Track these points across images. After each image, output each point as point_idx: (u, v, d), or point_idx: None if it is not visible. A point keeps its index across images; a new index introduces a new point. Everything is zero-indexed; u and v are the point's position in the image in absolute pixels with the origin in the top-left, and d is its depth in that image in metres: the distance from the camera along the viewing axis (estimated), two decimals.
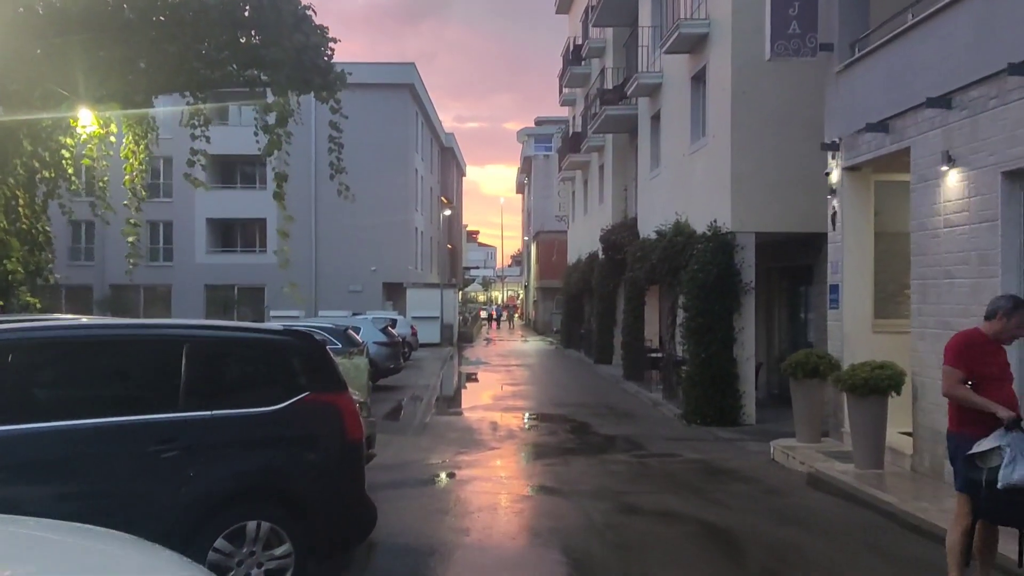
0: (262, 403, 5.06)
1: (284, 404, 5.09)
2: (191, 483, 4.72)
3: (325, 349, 5.43)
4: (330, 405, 5.23)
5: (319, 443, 5.17)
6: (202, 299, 41.18)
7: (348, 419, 5.27)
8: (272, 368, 5.27)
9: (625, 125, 23.91)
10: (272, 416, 5.04)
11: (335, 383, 5.35)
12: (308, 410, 5.13)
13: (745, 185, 14.22)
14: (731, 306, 14.19)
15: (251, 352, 5.26)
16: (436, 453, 11.29)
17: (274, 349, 5.28)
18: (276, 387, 5.18)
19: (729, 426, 13.90)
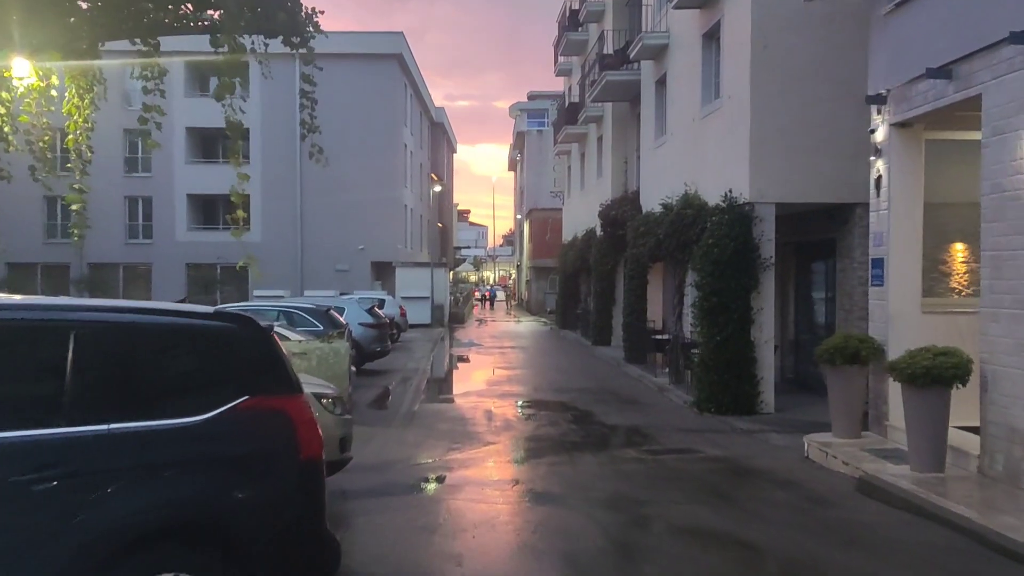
0: (183, 412, 3.72)
1: (214, 413, 3.76)
2: (79, 526, 3.38)
3: (272, 338, 4.08)
4: (278, 413, 3.90)
5: (262, 464, 3.85)
6: (183, 278, 39.65)
7: (303, 430, 3.95)
8: (198, 364, 3.91)
9: (626, 92, 22.50)
10: (197, 429, 3.72)
11: (285, 383, 4.02)
12: (248, 420, 3.81)
13: (765, 151, 12.88)
14: (749, 284, 12.90)
15: (168, 343, 3.89)
16: (424, 450, 9.99)
17: (201, 338, 3.93)
18: (203, 390, 3.85)
19: (746, 415, 12.65)
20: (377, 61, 40.12)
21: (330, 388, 7.46)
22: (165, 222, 40.19)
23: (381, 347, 19.10)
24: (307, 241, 39.83)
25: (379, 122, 39.94)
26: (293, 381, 4.06)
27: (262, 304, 17.01)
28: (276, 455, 3.86)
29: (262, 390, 3.89)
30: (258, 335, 4.01)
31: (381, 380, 17.91)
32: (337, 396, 7.30)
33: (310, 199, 39.63)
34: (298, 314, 16.05)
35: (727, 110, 13.96)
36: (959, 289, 9.61)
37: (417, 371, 19.58)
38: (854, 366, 9.08)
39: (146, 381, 3.74)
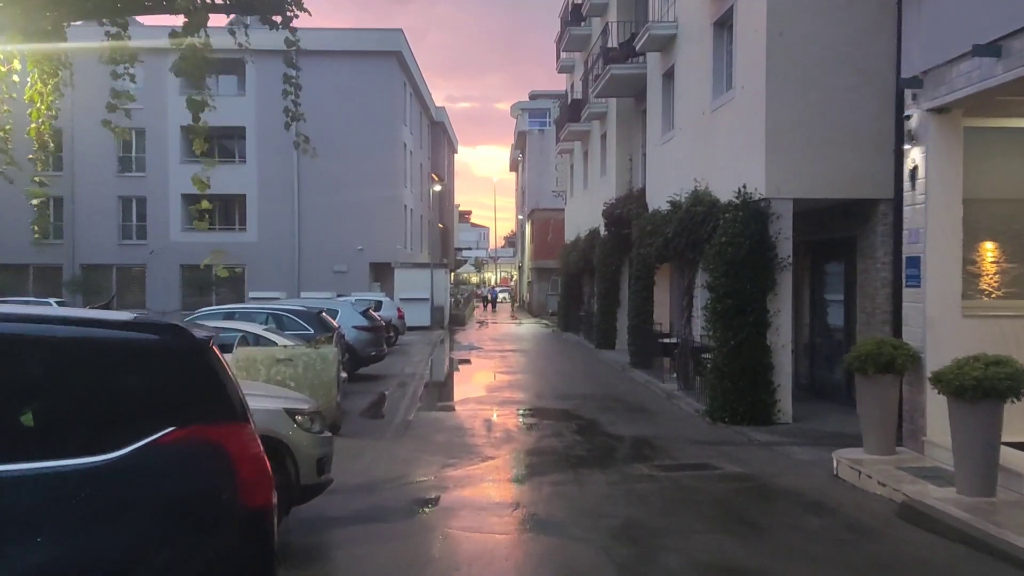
0: (85, 449, 2.91)
1: (128, 449, 2.95)
2: None
3: (209, 352, 3.26)
4: (213, 448, 3.08)
5: (190, 515, 3.02)
6: (178, 279, 38.90)
7: (246, 470, 3.13)
8: (107, 386, 3.08)
9: (631, 87, 21.70)
10: (103, 471, 2.90)
11: (225, 409, 3.20)
12: (172, 457, 3.00)
13: (782, 143, 12.08)
14: (765, 285, 12.09)
15: (65, 360, 3.05)
16: (417, 466, 9.18)
17: (112, 354, 3.10)
18: (114, 419, 3.02)
19: (762, 425, 11.86)
20: (376, 59, 39.38)
21: (307, 402, 6.67)
22: (159, 222, 39.46)
23: (376, 351, 18.31)
24: (304, 242, 39.07)
25: (378, 120, 39.19)
26: (236, 407, 3.24)
27: (251, 306, 16.24)
28: (209, 503, 3.05)
29: (193, 418, 3.08)
30: (190, 348, 3.20)
31: (376, 386, 17.11)
32: (315, 411, 6.50)
33: (308, 199, 38.88)
34: (287, 317, 15.28)
35: (740, 101, 13.17)
36: (1002, 290, 8.79)
37: (414, 376, 18.79)
38: (888, 375, 8.27)
39: (39, 408, 2.93)
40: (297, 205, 38.97)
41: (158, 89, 39.15)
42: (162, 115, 39.29)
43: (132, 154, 40.12)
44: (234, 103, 39.61)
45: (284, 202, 39.03)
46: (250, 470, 3.13)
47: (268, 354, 10.69)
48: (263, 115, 38.89)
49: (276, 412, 6.04)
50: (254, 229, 39.49)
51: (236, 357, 10.62)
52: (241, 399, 3.29)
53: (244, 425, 3.23)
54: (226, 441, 3.11)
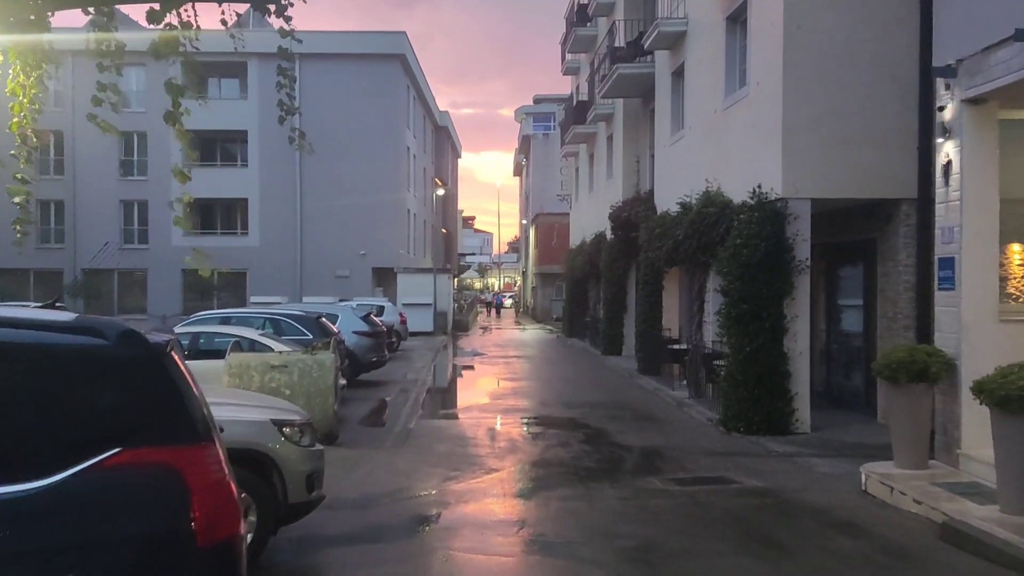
0: (9, 475, 2.43)
1: (65, 475, 2.47)
2: None
3: (165, 359, 2.76)
4: (166, 473, 2.59)
5: (137, 556, 2.52)
6: (179, 284, 38.44)
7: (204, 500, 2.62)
8: (41, 399, 2.57)
9: (639, 87, 21.23)
10: (33, 502, 2.42)
11: (182, 427, 2.70)
12: (116, 484, 2.51)
13: (799, 141, 11.58)
14: (782, 289, 11.58)
15: None
16: (417, 479, 8.67)
17: (49, 361, 2.61)
18: (48, 438, 2.53)
19: (779, 435, 11.34)
20: (379, 62, 38.97)
21: (296, 413, 6.16)
22: (161, 227, 38.94)
23: (377, 357, 17.83)
24: (306, 246, 38.61)
25: (381, 124, 38.75)
26: (196, 424, 2.75)
27: (248, 311, 15.76)
28: (161, 542, 2.55)
29: (144, 439, 2.59)
30: (142, 355, 2.70)
31: (377, 392, 16.62)
32: (305, 423, 6.00)
33: (310, 203, 38.43)
34: (286, 322, 14.80)
35: (754, 98, 12.68)
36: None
37: (416, 382, 18.30)
38: (920, 384, 7.75)
39: None
40: (299, 209, 38.52)
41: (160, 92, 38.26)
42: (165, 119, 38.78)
43: (134, 157, 39.72)
44: (236, 107, 39.25)
45: (286, 206, 38.59)
46: (212, 500, 2.64)
47: (262, 360, 10.21)
48: (265, 119, 38.48)
49: (262, 424, 5.55)
50: (256, 233, 39.04)
51: (229, 363, 10.14)
52: (205, 415, 2.80)
53: (206, 447, 2.74)
54: (183, 465, 2.61)
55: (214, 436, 2.81)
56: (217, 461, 2.75)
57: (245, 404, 5.91)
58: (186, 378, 2.82)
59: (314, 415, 10.09)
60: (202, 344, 12.54)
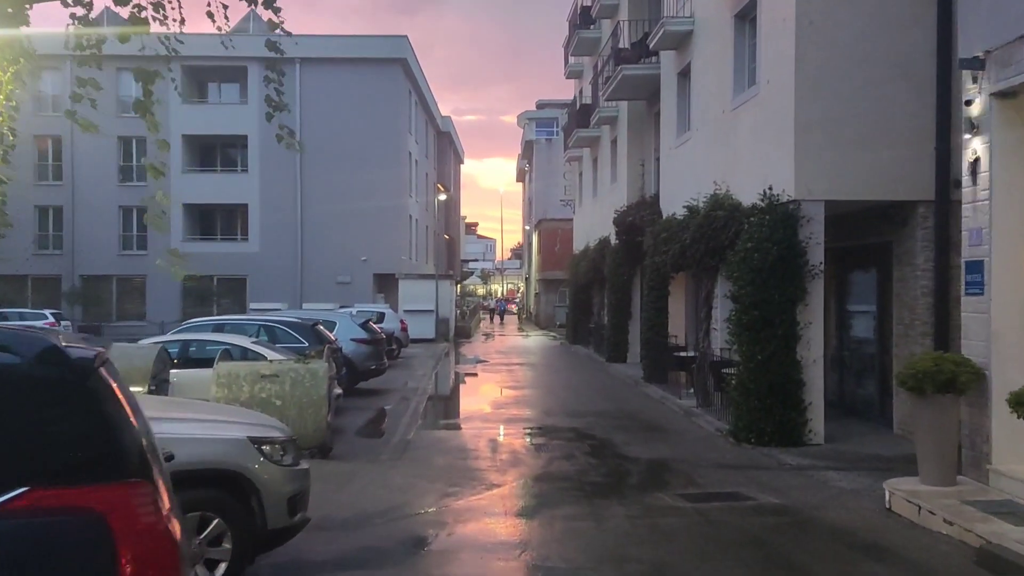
0: None
1: None
2: None
3: (91, 379, 2.30)
4: (86, 518, 2.14)
5: None
6: (178, 290, 37.99)
7: (137, 549, 2.16)
8: None
9: (644, 89, 20.82)
10: None
11: (112, 460, 2.25)
12: (23, 533, 2.07)
13: (812, 141, 11.14)
14: (794, 295, 11.13)
15: None
16: (414, 495, 8.21)
17: None
18: None
19: (791, 446, 10.87)
20: (380, 66, 38.62)
21: (277, 429, 5.70)
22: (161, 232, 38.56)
23: (376, 365, 17.38)
24: (307, 252, 38.22)
25: (383, 129, 38.39)
26: (128, 456, 2.28)
27: (243, 318, 15.33)
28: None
29: (61, 476, 2.15)
30: (61, 375, 2.26)
31: (375, 401, 16.17)
32: (287, 439, 5.54)
33: (310, 208, 38.06)
34: (281, 329, 14.36)
35: (765, 97, 12.25)
36: None
37: (416, 391, 17.84)
38: (948, 395, 7.28)
39: None
40: (300, 215, 38.15)
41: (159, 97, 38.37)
42: (163, 123, 37.94)
43: (133, 163, 39.36)
44: (236, 111, 38.92)
45: (287, 212, 38.21)
46: (145, 550, 2.19)
47: (252, 369, 9.77)
48: (266, 124, 37.56)
49: (237, 442, 5.09)
50: (256, 239, 38.68)
51: (217, 373, 9.71)
52: (141, 446, 2.35)
53: (138, 485, 2.28)
54: (108, 508, 2.16)
55: (153, 470, 2.36)
56: (152, 502, 2.30)
57: (220, 420, 5.46)
58: (119, 401, 2.37)
59: (306, 427, 9.67)
60: (193, 352, 12.11)
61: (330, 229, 37.84)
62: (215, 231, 40.73)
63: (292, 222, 38.16)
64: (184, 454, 4.69)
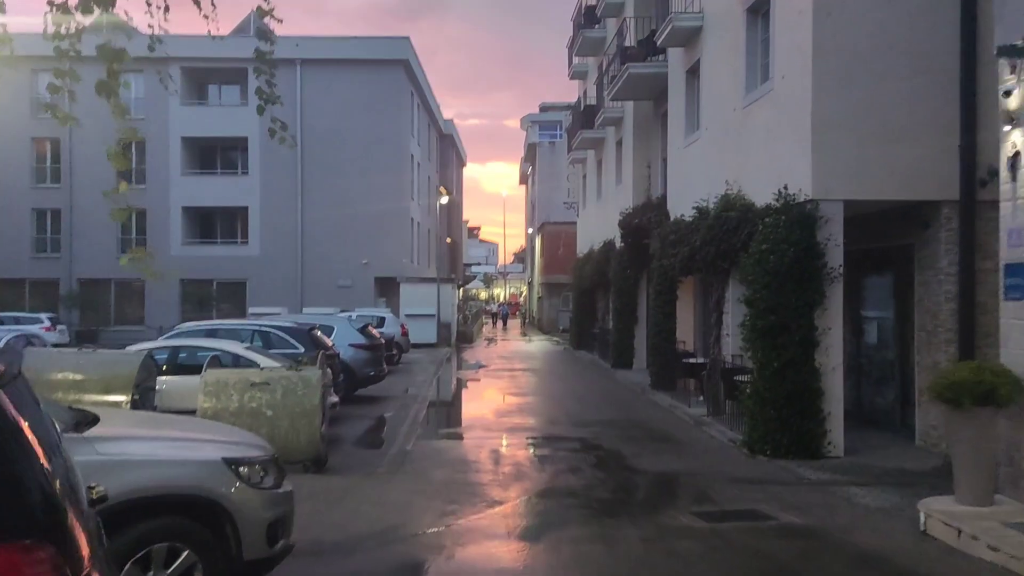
0: None
1: None
2: None
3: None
4: None
5: None
6: (178, 295, 37.54)
7: None
8: None
9: (650, 88, 20.32)
10: None
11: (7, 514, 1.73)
12: None
13: (831, 138, 10.61)
14: (812, 299, 10.59)
15: None
16: (411, 514, 7.68)
17: None
18: None
19: (810, 459, 10.34)
20: (382, 67, 38.13)
21: (257, 447, 5.15)
22: (159, 236, 38.12)
23: (375, 371, 16.86)
24: (308, 255, 37.71)
25: (384, 131, 37.89)
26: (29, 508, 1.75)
27: (236, 323, 14.83)
28: None
29: None
30: None
31: (374, 409, 15.66)
32: (268, 459, 5.01)
33: (311, 211, 37.56)
34: (276, 334, 13.85)
35: (779, 93, 11.73)
36: None
37: (416, 398, 17.32)
38: (987, 408, 6.74)
39: None
40: (300, 218, 37.65)
41: (159, 99, 38.04)
42: (163, 126, 38.19)
43: (132, 165, 38.85)
44: (236, 113, 38.45)
45: (287, 215, 37.72)
46: None
47: (241, 377, 9.25)
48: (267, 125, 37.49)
49: (210, 463, 4.57)
50: (256, 242, 38.19)
51: (205, 381, 9.20)
52: (50, 493, 1.83)
53: (36, 548, 1.74)
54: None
55: (65, 524, 1.83)
56: (53, 569, 1.78)
57: (192, 438, 4.92)
58: (19, 434, 1.85)
59: (299, 438, 9.15)
60: (183, 359, 11.61)
61: (331, 232, 37.36)
62: (215, 234, 40.26)
63: (293, 225, 37.67)
64: (148, 478, 4.18)
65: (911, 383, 11.77)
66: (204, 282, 37.67)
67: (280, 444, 9.19)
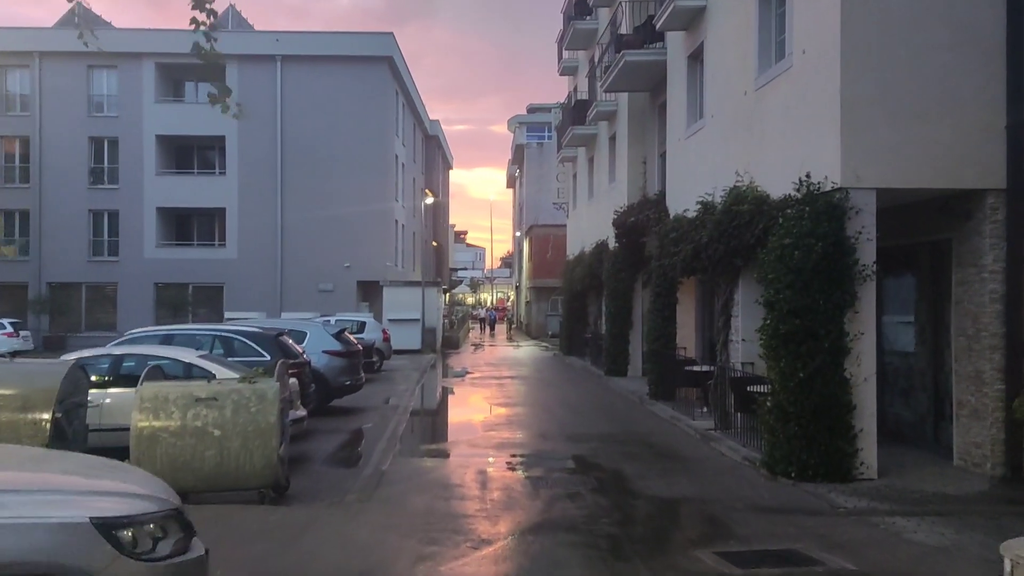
0: None
1: None
2: None
3: None
4: None
5: None
6: (151, 298, 35.99)
7: None
8: None
9: (647, 78, 19.12)
10: None
11: None
12: None
13: (862, 118, 9.38)
14: (842, 300, 9.34)
15: None
16: (380, 558, 6.34)
17: None
18: None
19: (840, 482, 9.11)
20: (365, 64, 36.79)
21: (150, 499, 3.61)
22: (133, 238, 36.61)
23: (352, 380, 15.51)
24: (287, 258, 36.26)
25: (368, 130, 36.53)
26: None
27: (197, 328, 13.41)
28: None
29: None
30: None
31: (349, 421, 14.32)
32: (166, 515, 3.63)
33: (291, 213, 36.13)
34: (239, 341, 12.49)
35: (800, 71, 10.49)
36: None
37: (397, 409, 15.98)
38: None
39: None
40: (280, 219, 36.20)
41: (133, 96, 36.58)
42: (137, 124, 36.74)
43: (104, 165, 37.38)
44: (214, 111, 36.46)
45: (266, 216, 36.26)
46: None
47: (184, 391, 7.90)
48: (245, 124, 36.20)
49: (70, 527, 3.19)
50: (234, 245, 36.69)
51: (141, 396, 7.84)
52: None
53: None
54: None
55: None
56: None
57: (48, 489, 3.50)
58: None
59: (253, 461, 7.83)
60: (127, 368, 10.22)
61: (312, 234, 35.94)
62: (191, 236, 38.73)
63: (272, 227, 36.21)
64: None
65: (946, 394, 10.55)
66: (180, 286, 36.15)
67: (231, 469, 7.87)
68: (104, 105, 37.49)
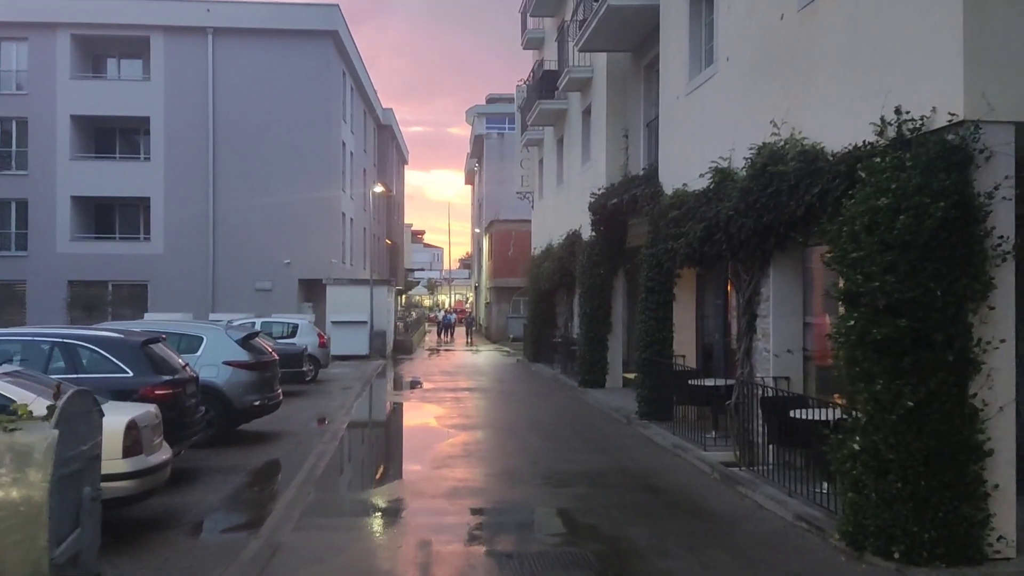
0: None
1: None
2: None
3: None
4: None
5: None
6: (64, 297, 31.79)
7: None
8: None
9: (631, 33, 15.99)
10: None
11: None
12: None
13: (994, 18, 6.24)
14: (967, 289, 6.17)
15: None
16: None
17: None
18: None
19: (967, 565, 5.96)
20: (308, 39, 33.14)
21: None
22: (44, 230, 32.46)
23: (263, 399, 12.02)
24: (220, 253, 32.43)
25: (311, 113, 32.90)
26: None
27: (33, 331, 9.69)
28: None
29: None
30: None
31: (256, 455, 10.85)
32: None
33: (224, 203, 32.29)
34: (89, 350, 8.91)
35: None
36: None
37: (322, 436, 12.54)
38: None
39: None
40: (212, 210, 32.33)
41: (45, 72, 32.44)
42: (49, 102, 32.64)
43: (12, 148, 33.21)
44: (137, 89, 33.04)
45: (196, 207, 32.37)
46: None
47: None
48: (172, 104, 32.38)
49: None
50: (160, 238, 32.73)
51: None
52: None
53: None
54: None
55: None
56: None
57: None
58: None
59: (3, 568, 4.37)
60: None
61: (248, 227, 32.19)
62: (112, 229, 34.56)
63: (203, 219, 32.30)
64: None
65: None
66: (98, 284, 32.02)
67: None
68: (12, 82, 33.34)
